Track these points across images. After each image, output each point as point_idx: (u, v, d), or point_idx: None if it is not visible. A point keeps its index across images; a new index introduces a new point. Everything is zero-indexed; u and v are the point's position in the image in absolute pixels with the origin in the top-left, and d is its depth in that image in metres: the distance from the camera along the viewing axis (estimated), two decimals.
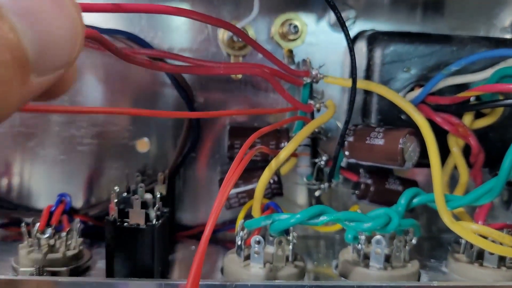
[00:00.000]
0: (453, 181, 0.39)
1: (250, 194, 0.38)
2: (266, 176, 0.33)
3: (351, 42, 0.33)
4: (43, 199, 0.42)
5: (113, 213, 0.32)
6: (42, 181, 0.42)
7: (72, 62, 0.16)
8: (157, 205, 0.32)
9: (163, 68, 0.29)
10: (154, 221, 0.32)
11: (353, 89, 0.33)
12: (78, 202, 0.42)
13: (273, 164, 0.33)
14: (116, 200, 0.32)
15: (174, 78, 0.38)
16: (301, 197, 0.43)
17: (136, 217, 0.31)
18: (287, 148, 0.34)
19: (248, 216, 0.35)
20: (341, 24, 0.29)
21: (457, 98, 0.35)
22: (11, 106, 0.15)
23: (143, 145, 0.41)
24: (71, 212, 0.38)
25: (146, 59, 0.25)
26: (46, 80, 0.16)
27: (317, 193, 0.39)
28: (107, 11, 0.22)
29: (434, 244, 0.43)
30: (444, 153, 0.37)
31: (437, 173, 0.32)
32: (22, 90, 0.15)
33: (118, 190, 0.33)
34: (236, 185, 0.37)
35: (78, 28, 0.16)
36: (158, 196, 0.33)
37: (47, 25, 0.15)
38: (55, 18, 0.15)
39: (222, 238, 0.42)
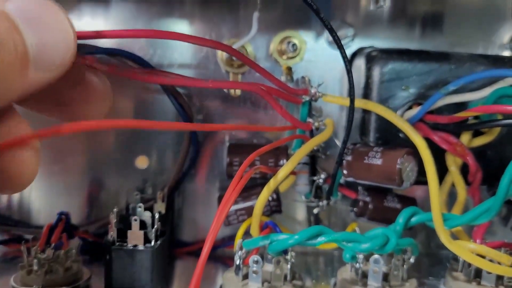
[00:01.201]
0: (451, 198, 0.39)
1: (249, 211, 0.38)
2: (264, 195, 0.33)
3: (349, 62, 0.33)
4: (43, 215, 0.42)
5: (112, 233, 0.32)
6: (42, 197, 0.42)
7: (66, 64, 0.19)
8: (155, 226, 0.32)
9: (151, 80, 0.30)
10: (152, 242, 0.32)
11: (351, 110, 0.33)
12: (77, 218, 0.42)
13: (271, 183, 0.34)
14: (115, 221, 0.32)
15: (173, 96, 0.39)
16: (300, 214, 0.43)
17: (134, 238, 0.32)
18: (286, 168, 0.34)
19: (247, 233, 0.36)
20: (339, 47, 0.30)
21: (455, 118, 0.35)
22: (12, 91, 0.18)
23: (143, 161, 0.42)
24: (70, 228, 0.38)
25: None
26: (41, 77, 0.19)
27: (315, 211, 0.39)
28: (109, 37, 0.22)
29: (433, 260, 0.43)
30: (442, 170, 0.37)
31: (435, 193, 0.32)
32: (22, 80, 0.18)
33: (116, 210, 0.33)
34: (235, 202, 0.38)
35: (71, 35, 0.19)
36: (157, 216, 0.33)
37: (45, 30, 0.18)
38: (52, 25, 0.19)
39: (221, 255, 0.43)
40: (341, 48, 0.30)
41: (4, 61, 0.17)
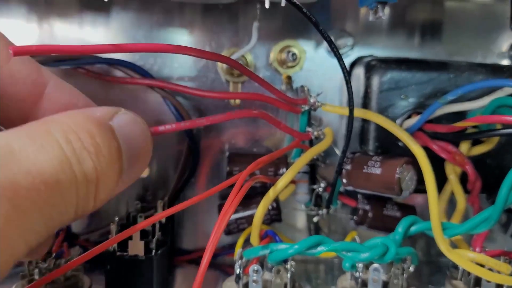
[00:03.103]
0: (451, 206, 0.39)
1: (249, 220, 0.38)
2: (264, 204, 0.34)
3: (348, 71, 0.33)
4: None
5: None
6: None
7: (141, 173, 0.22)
8: (156, 236, 0.33)
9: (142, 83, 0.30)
10: (153, 252, 0.32)
11: (350, 120, 0.33)
12: (78, 227, 0.42)
13: (271, 192, 0.34)
14: (116, 230, 0.32)
15: (173, 106, 0.39)
16: (300, 222, 0.43)
17: (135, 248, 0.32)
18: (286, 177, 0.34)
19: (247, 241, 0.36)
20: (338, 59, 0.30)
21: (454, 127, 0.36)
22: (108, 192, 0.20)
23: None
24: (71, 237, 0.39)
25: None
26: (125, 184, 0.21)
27: (315, 219, 0.40)
28: (108, 52, 0.22)
29: (432, 268, 0.43)
30: (442, 179, 0.37)
31: (434, 202, 0.33)
32: (114, 186, 0.20)
33: (118, 220, 0.33)
34: (235, 211, 0.38)
35: (151, 151, 0.22)
36: (158, 225, 0.34)
37: (137, 148, 0.21)
38: (142, 144, 0.21)
39: (221, 263, 0.43)
40: (340, 59, 0.30)
41: (105, 174, 0.19)
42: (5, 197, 0.15)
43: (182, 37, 0.41)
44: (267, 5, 0.28)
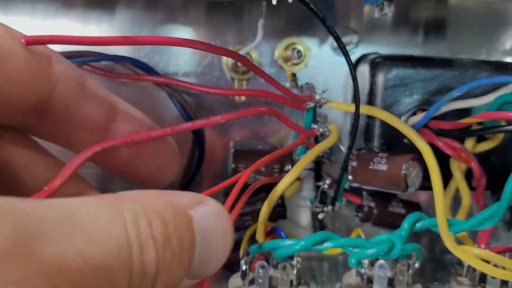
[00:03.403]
0: (456, 203, 0.39)
1: (254, 216, 0.38)
2: (269, 201, 0.34)
3: (354, 67, 0.33)
4: None
5: None
6: None
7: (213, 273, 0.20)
8: None
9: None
10: None
11: (356, 116, 0.33)
12: None
13: (276, 190, 0.34)
14: None
15: (179, 103, 0.39)
16: (305, 219, 0.43)
17: None
18: (291, 174, 0.34)
19: (252, 238, 0.36)
20: (344, 54, 0.30)
21: (459, 124, 0.36)
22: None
23: None
24: None
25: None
26: (193, 280, 0.19)
27: (320, 216, 0.40)
28: (117, 44, 0.22)
29: (437, 265, 0.43)
30: (447, 176, 0.37)
31: (440, 199, 0.33)
32: (177, 282, 0.18)
33: None
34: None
35: (229, 247, 0.20)
36: None
37: (215, 244, 0.19)
38: (221, 242, 0.19)
39: (227, 260, 0.43)
40: (346, 55, 0.30)
41: (168, 269, 0.17)
42: (44, 276, 0.13)
43: (187, 34, 0.41)
44: (274, 1, 0.28)
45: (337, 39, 0.29)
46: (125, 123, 0.21)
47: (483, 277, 0.35)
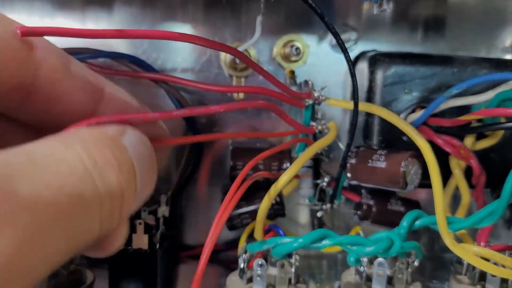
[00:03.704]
0: (455, 200, 0.39)
1: (252, 215, 0.38)
2: (268, 199, 0.34)
3: (352, 64, 0.33)
4: None
5: None
6: None
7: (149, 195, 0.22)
8: (160, 229, 0.32)
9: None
10: (157, 245, 0.32)
11: (355, 113, 0.33)
12: None
13: (275, 187, 0.34)
14: None
15: (177, 100, 0.39)
16: (303, 217, 0.43)
17: (139, 242, 0.32)
18: (289, 171, 0.34)
19: (251, 236, 0.36)
20: (343, 51, 0.30)
21: (458, 121, 0.36)
22: (129, 210, 0.19)
23: None
24: None
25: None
26: (138, 204, 0.21)
27: (319, 214, 0.39)
28: (112, 37, 0.22)
29: (437, 263, 0.43)
30: (446, 173, 0.37)
31: (439, 196, 0.32)
32: (133, 204, 0.20)
33: None
34: (239, 206, 0.38)
35: (156, 172, 0.21)
36: (161, 219, 0.33)
37: (145, 167, 0.20)
38: (150, 164, 0.21)
39: (225, 259, 0.42)
40: (345, 52, 0.30)
41: (127, 190, 0.18)
42: (26, 210, 0.14)
43: (185, 32, 0.40)
44: None
45: (336, 35, 0.29)
46: (113, 104, 0.21)
47: (482, 275, 0.35)
